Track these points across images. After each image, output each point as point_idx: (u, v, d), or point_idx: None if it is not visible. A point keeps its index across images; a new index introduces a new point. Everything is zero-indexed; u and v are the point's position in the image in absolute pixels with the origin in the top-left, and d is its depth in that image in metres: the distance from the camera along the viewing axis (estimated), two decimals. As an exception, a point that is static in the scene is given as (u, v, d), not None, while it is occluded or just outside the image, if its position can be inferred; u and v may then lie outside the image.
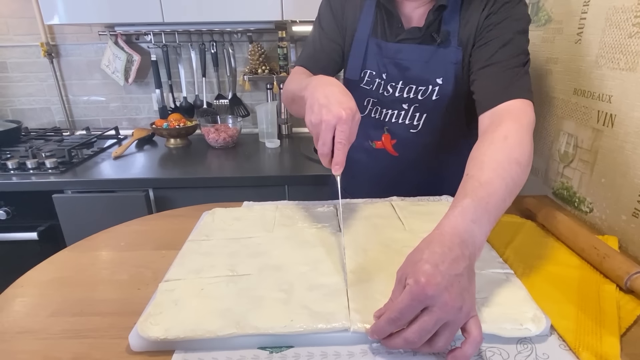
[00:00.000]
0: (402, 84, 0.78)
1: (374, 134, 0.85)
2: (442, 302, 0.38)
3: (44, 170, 1.33)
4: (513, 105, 0.62)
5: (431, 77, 0.75)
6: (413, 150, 0.82)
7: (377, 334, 0.41)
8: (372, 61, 0.79)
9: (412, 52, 0.76)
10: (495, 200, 0.48)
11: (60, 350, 0.45)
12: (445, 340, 0.40)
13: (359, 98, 0.82)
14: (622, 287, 0.54)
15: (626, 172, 0.67)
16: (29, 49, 1.74)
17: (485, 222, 0.46)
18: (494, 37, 0.68)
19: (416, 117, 0.79)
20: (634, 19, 0.64)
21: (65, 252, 0.68)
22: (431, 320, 0.38)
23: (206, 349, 0.45)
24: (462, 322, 0.40)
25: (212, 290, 0.52)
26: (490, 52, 0.68)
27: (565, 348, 0.44)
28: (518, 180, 0.52)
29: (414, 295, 0.38)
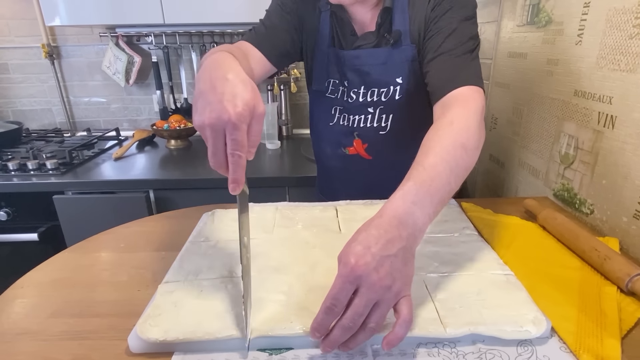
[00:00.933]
0: (364, 88, 0.79)
1: (345, 140, 0.85)
2: (371, 282, 0.38)
3: (44, 171, 1.33)
4: (461, 92, 0.62)
5: (390, 78, 0.77)
6: (385, 151, 0.83)
7: (317, 330, 0.40)
8: (334, 70, 0.82)
9: (369, 56, 0.77)
10: (439, 183, 0.47)
11: (60, 352, 0.45)
12: (375, 319, 0.39)
13: (326, 107, 0.84)
14: (623, 289, 0.53)
15: (627, 174, 0.66)
16: (30, 50, 1.74)
17: (428, 204, 0.46)
18: (440, 28, 0.68)
19: (383, 119, 0.80)
20: (634, 20, 0.64)
21: (65, 253, 0.68)
22: (361, 302, 0.38)
23: (205, 351, 0.45)
24: (392, 301, 0.40)
25: (211, 291, 0.52)
26: (437, 43, 0.68)
27: (566, 350, 0.44)
28: (463, 164, 0.52)
29: (344, 277, 0.38)
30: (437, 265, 0.57)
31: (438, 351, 0.44)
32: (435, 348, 0.45)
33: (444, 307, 0.48)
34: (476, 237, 0.65)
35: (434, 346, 0.45)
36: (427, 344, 0.45)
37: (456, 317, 0.46)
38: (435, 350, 0.44)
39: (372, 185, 0.87)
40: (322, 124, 0.88)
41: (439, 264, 0.57)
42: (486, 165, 1.21)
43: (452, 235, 0.66)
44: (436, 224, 0.69)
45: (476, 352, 0.44)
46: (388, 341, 0.40)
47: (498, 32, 1.10)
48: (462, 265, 0.57)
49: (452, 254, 0.60)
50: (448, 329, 0.45)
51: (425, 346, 0.45)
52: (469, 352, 0.44)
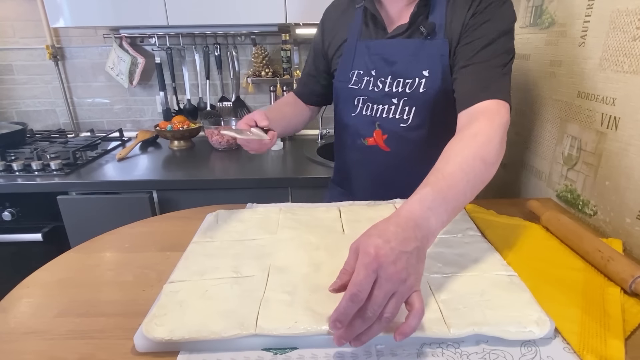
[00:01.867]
0: (391, 78, 0.79)
1: (365, 131, 0.85)
2: (389, 273, 0.40)
3: (48, 171, 1.33)
4: (489, 105, 0.64)
5: (418, 69, 0.77)
6: (404, 145, 0.83)
7: (339, 320, 0.40)
8: (360, 61, 0.83)
9: (399, 45, 0.78)
10: (455, 192, 0.50)
11: (66, 351, 0.46)
12: (391, 309, 0.41)
13: (349, 99, 0.85)
14: (626, 290, 0.54)
15: (630, 175, 0.66)
16: (35, 51, 1.75)
17: (443, 212, 0.48)
18: (478, 37, 0.69)
19: (406, 111, 0.80)
20: (637, 22, 0.64)
21: (71, 253, 0.68)
22: (381, 293, 0.40)
23: (210, 350, 0.45)
24: (406, 294, 0.42)
25: (216, 291, 0.52)
26: (472, 51, 0.69)
27: (570, 351, 0.44)
28: (481, 177, 0.54)
29: (367, 265, 0.40)
30: (441, 266, 0.57)
31: (442, 351, 0.44)
32: (439, 348, 0.45)
33: (448, 307, 0.48)
34: (479, 238, 0.65)
35: (438, 346, 0.45)
36: (431, 344, 0.45)
37: (460, 318, 0.46)
38: (439, 351, 0.44)
39: (387, 179, 0.88)
40: (344, 115, 0.88)
41: (443, 264, 0.58)
42: (489, 167, 1.21)
43: (455, 236, 0.66)
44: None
45: (480, 353, 0.44)
46: (401, 332, 0.41)
47: (501, 34, 1.10)
48: (465, 266, 0.57)
49: (455, 255, 0.60)
50: (452, 330, 0.45)
51: (429, 346, 0.45)
52: (472, 352, 0.44)
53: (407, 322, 0.41)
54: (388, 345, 0.45)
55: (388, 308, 0.41)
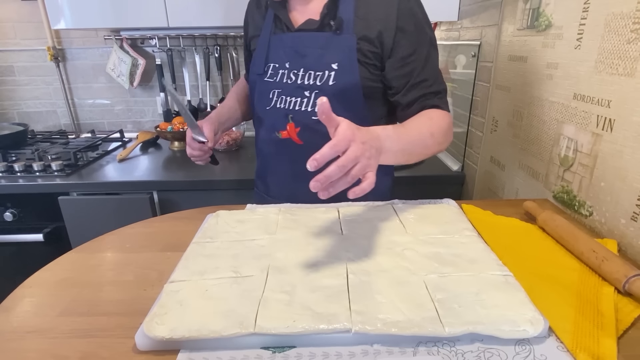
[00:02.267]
0: (303, 70, 0.81)
1: (279, 124, 0.86)
2: (358, 146, 0.53)
3: (49, 172, 1.34)
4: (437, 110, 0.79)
5: (327, 62, 0.79)
6: (316, 137, 0.83)
7: (317, 160, 0.51)
8: (275, 54, 0.85)
9: (309, 39, 0.81)
10: (406, 139, 0.69)
11: (69, 349, 0.47)
12: (354, 171, 0.53)
13: (263, 92, 0.88)
14: (620, 290, 0.54)
15: (625, 176, 0.67)
16: (36, 52, 1.76)
17: (395, 144, 0.64)
18: (411, 53, 0.78)
19: (307, 106, 0.83)
20: (632, 25, 0.65)
21: (72, 253, 0.69)
22: (351, 154, 0.52)
23: (211, 349, 0.46)
24: (366, 166, 0.54)
25: (216, 291, 0.53)
26: (411, 72, 0.78)
27: (563, 349, 0.45)
28: (426, 144, 0.73)
29: (346, 136, 0.53)
30: (437, 266, 0.58)
31: (438, 350, 0.45)
32: (435, 347, 0.46)
33: (444, 306, 0.49)
34: (476, 239, 0.66)
35: (434, 345, 0.46)
36: (427, 343, 0.46)
37: (455, 317, 0.47)
38: (434, 349, 0.45)
39: (301, 173, 0.88)
40: (259, 109, 0.90)
41: (439, 264, 0.58)
42: (487, 167, 1.22)
43: (452, 237, 0.67)
44: (437, 225, 0.70)
45: (475, 351, 0.45)
46: (353, 191, 0.53)
47: (499, 36, 1.11)
48: (461, 266, 0.58)
49: (452, 255, 0.61)
50: (447, 328, 0.46)
51: (425, 345, 0.46)
52: (467, 350, 0.45)
53: (359, 186, 0.53)
54: (384, 344, 0.46)
55: (353, 170, 0.53)
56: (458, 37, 1.44)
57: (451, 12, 1.38)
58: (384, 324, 0.46)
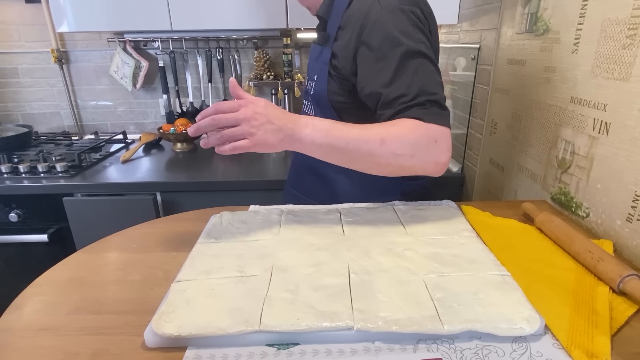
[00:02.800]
0: (309, 78, 0.89)
1: None
2: (245, 111, 0.59)
3: (54, 173, 1.36)
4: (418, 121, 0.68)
5: (312, 73, 0.85)
6: None
7: (201, 114, 0.59)
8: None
9: (313, 50, 0.88)
10: (340, 135, 0.63)
11: (80, 346, 0.48)
12: (231, 131, 0.59)
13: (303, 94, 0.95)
14: (615, 290, 0.56)
15: (620, 179, 0.69)
16: (40, 55, 1.78)
17: (320, 134, 0.63)
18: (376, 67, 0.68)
19: (311, 109, 0.89)
20: (627, 31, 0.67)
21: (80, 253, 0.71)
22: (231, 116, 0.59)
23: (217, 346, 0.47)
24: (244, 133, 0.59)
25: (222, 290, 0.55)
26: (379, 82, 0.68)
27: (559, 347, 0.46)
28: (372, 149, 0.63)
29: (240, 102, 0.59)
30: (437, 266, 0.59)
31: (437, 347, 0.47)
32: (434, 344, 0.47)
33: (443, 305, 0.50)
34: (475, 239, 0.68)
35: (433, 342, 0.47)
36: (427, 340, 0.47)
37: (454, 315, 0.49)
38: (434, 346, 0.47)
39: (308, 169, 0.96)
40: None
41: (439, 264, 0.60)
42: (486, 169, 1.24)
43: (451, 237, 0.68)
44: (436, 226, 0.72)
45: (473, 348, 0.46)
46: (222, 149, 0.60)
47: (498, 39, 1.13)
48: (460, 266, 0.59)
49: (451, 255, 0.62)
50: (446, 326, 0.47)
51: (424, 342, 0.47)
52: (466, 348, 0.46)
53: (227, 145, 0.60)
54: (386, 341, 0.47)
55: (228, 130, 0.59)
56: (458, 40, 1.45)
57: (451, 16, 1.40)
58: (385, 322, 0.48)
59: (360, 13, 0.71)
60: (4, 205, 1.33)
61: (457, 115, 1.44)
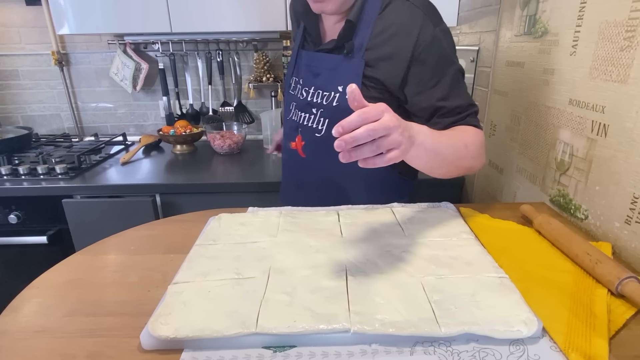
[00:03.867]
0: (313, 89, 0.85)
1: (292, 134, 0.91)
2: (391, 118, 0.51)
3: (54, 175, 1.36)
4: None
5: (334, 84, 0.82)
6: (317, 154, 0.86)
7: (344, 126, 0.50)
8: (299, 69, 0.90)
9: (323, 60, 0.84)
10: (440, 139, 0.66)
11: (76, 348, 0.48)
12: (386, 142, 0.51)
13: (287, 102, 0.94)
14: (613, 292, 0.56)
15: (619, 181, 0.69)
16: (40, 57, 1.78)
17: (428, 139, 0.62)
18: (432, 82, 0.76)
19: (321, 122, 0.85)
20: (625, 33, 0.67)
21: (78, 255, 0.70)
22: (381, 125, 0.50)
23: (213, 348, 0.47)
24: (394, 143, 0.52)
25: (218, 292, 0.55)
26: (436, 96, 0.77)
27: (556, 349, 0.46)
28: (459, 153, 0.71)
29: (379, 107, 0.52)
30: (435, 268, 0.59)
31: (434, 349, 0.46)
32: (431, 347, 0.47)
33: (440, 307, 0.50)
34: (473, 241, 0.67)
35: (430, 345, 0.47)
36: (424, 343, 0.47)
37: (451, 318, 0.48)
38: (431, 349, 0.47)
39: (300, 184, 0.96)
40: (284, 116, 0.97)
41: (437, 266, 0.60)
42: (485, 171, 1.23)
43: (449, 240, 0.68)
44: (435, 229, 0.71)
45: (470, 351, 0.46)
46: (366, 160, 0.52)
47: (497, 42, 1.13)
48: (458, 268, 0.59)
49: (449, 257, 0.62)
50: (443, 329, 0.47)
51: (421, 345, 0.47)
52: (463, 350, 0.46)
53: (381, 158, 0.52)
54: (382, 344, 0.47)
55: (382, 140, 0.51)
56: (457, 42, 1.45)
57: (450, 18, 1.40)
58: (382, 324, 0.47)
59: (410, 28, 0.74)
60: (3, 207, 1.33)
61: (457, 117, 1.44)
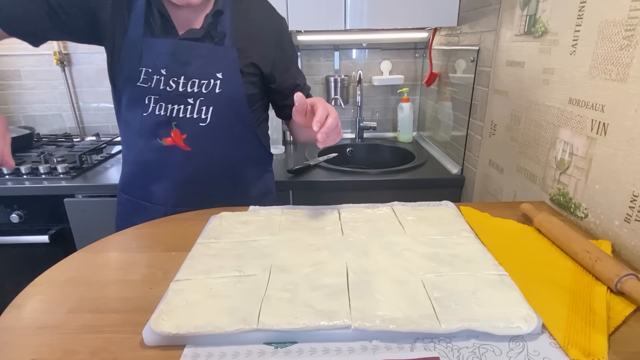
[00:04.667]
0: (184, 79, 0.83)
1: (161, 131, 0.86)
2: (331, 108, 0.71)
3: (55, 175, 1.37)
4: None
5: (212, 71, 0.83)
6: (205, 142, 0.86)
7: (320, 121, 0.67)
8: (148, 59, 0.82)
9: (191, 49, 0.83)
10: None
11: (79, 345, 0.48)
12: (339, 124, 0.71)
13: (137, 97, 0.85)
14: (612, 289, 0.56)
15: (618, 179, 0.69)
16: (42, 57, 1.79)
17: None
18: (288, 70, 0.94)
19: (203, 111, 0.85)
20: (624, 32, 0.67)
21: (80, 253, 0.71)
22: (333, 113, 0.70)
23: (215, 344, 0.47)
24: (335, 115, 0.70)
25: (220, 289, 0.55)
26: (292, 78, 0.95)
27: (556, 346, 0.47)
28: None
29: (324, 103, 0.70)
30: (435, 266, 0.60)
31: (434, 346, 0.47)
32: (431, 343, 0.47)
33: (440, 304, 0.51)
34: (473, 240, 0.68)
35: (430, 341, 0.47)
36: (424, 339, 0.48)
37: (451, 314, 0.49)
38: (431, 345, 0.47)
39: (190, 177, 0.91)
40: (133, 115, 0.87)
41: (437, 264, 0.60)
42: (485, 170, 1.24)
43: (450, 238, 0.68)
44: (435, 227, 0.72)
45: (470, 347, 0.46)
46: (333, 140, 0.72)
47: (496, 41, 1.13)
48: (458, 266, 0.60)
49: (449, 255, 0.62)
50: (444, 325, 0.47)
51: (422, 341, 0.47)
52: (463, 346, 0.46)
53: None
54: (383, 340, 0.48)
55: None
56: (457, 42, 1.46)
57: (451, 18, 1.41)
58: (382, 321, 0.48)
59: (269, 16, 0.93)
60: (5, 207, 1.34)
61: (457, 117, 1.45)
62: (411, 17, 1.42)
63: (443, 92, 1.60)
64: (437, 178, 1.42)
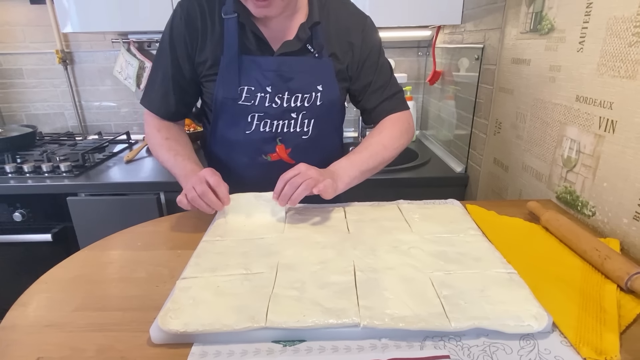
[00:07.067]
0: (288, 94, 0.83)
1: (266, 147, 0.87)
2: (301, 169, 0.74)
3: (58, 173, 1.36)
4: (394, 115, 0.90)
5: (313, 85, 0.84)
6: (308, 155, 0.86)
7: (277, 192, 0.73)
8: (249, 77, 0.81)
9: (294, 63, 0.82)
10: (360, 160, 0.82)
11: (85, 342, 0.48)
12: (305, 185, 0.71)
13: (240, 116, 0.84)
14: (622, 288, 0.55)
15: (627, 177, 0.68)
16: (45, 56, 1.79)
17: (349, 169, 0.80)
18: (370, 66, 0.88)
19: (305, 124, 0.86)
20: (633, 29, 0.66)
21: (85, 251, 0.71)
22: (298, 178, 0.72)
23: (223, 342, 0.47)
24: (314, 182, 0.72)
25: (227, 287, 0.55)
26: (370, 79, 0.89)
27: (567, 344, 0.46)
28: (382, 155, 0.84)
29: (294, 168, 0.74)
30: (443, 264, 0.59)
31: (444, 344, 0.46)
32: (441, 341, 0.47)
33: (449, 302, 0.50)
34: (480, 238, 0.67)
35: (440, 339, 0.47)
36: (434, 337, 0.47)
37: (461, 312, 0.48)
38: (441, 343, 0.46)
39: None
40: (233, 132, 0.86)
41: (445, 262, 0.60)
42: (490, 169, 1.23)
43: (457, 236, 0.68)
44: (442, 225, 0.71)
45: (480, 345, 0.46)
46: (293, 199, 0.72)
47: (502, 39, 1.13)
48: (466, 264, 0.59)
49: (457, 254, 0.62)
50: (453, 323, 0.47)
51: (432, 339, 0.47)
52: (473, 345, 0.46)
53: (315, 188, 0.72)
54: (392, 338, 0.47)
55: (301, 185, 0.71)
56: (462, 40, 1.45)
57: (455, 16, 1.40)
58: (391, 319, 0.47)
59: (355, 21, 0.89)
60: (8, 205, 1.33)
61: (461, 116, 1.44)
62: (414, 16, 1.41)
63: (446, 90, 1.59)
64: (440, 177, 1.41)
